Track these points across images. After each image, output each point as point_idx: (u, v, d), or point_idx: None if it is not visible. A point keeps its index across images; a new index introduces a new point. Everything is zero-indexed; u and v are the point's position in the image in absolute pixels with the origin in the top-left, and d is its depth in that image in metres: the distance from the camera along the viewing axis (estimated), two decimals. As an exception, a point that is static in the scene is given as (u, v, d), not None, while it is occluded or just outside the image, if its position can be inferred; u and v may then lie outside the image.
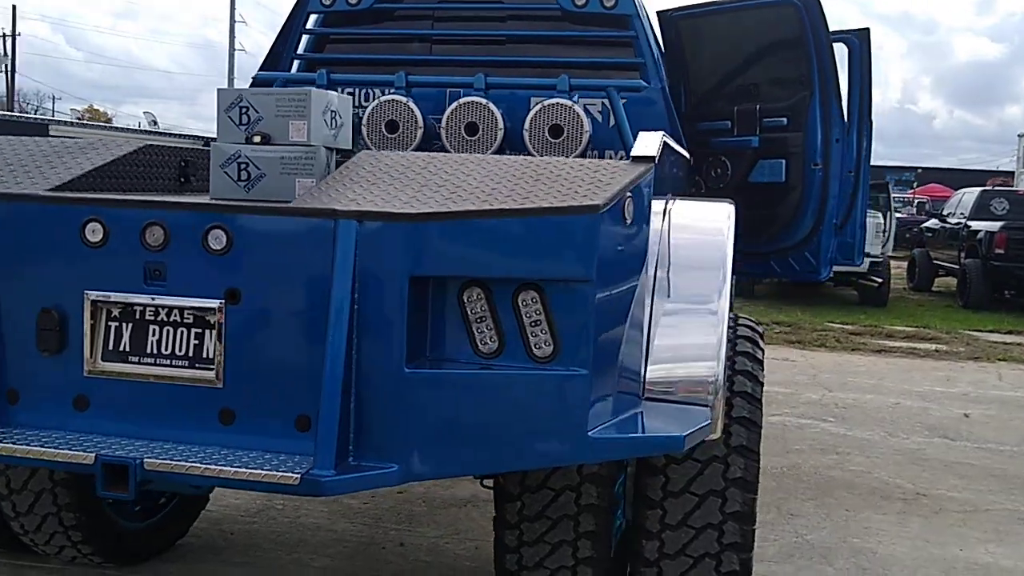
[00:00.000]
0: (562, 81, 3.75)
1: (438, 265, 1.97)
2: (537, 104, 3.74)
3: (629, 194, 2.10)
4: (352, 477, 1.92)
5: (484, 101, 3.75)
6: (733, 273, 2.46)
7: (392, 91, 3.85)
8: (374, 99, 3.87)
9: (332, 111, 2.36)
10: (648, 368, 2.36)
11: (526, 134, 3.75)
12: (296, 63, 4.34)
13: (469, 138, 3.76)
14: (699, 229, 2.58)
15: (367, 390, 1.96)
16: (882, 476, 4.77)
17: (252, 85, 4.11)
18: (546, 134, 3.74)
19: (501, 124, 3.77)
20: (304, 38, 4.33)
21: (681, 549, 2.47)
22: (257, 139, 2.30)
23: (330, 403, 1.91)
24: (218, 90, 2.36)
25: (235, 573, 3.28)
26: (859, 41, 5.03)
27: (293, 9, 4.28)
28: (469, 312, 2.05)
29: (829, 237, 4.57)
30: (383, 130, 3.80)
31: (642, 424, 2.18)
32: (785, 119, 4.54)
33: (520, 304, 2.02)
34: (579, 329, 2.00)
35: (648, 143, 2.35)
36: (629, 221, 2.12)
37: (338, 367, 1.92)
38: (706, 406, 2.34)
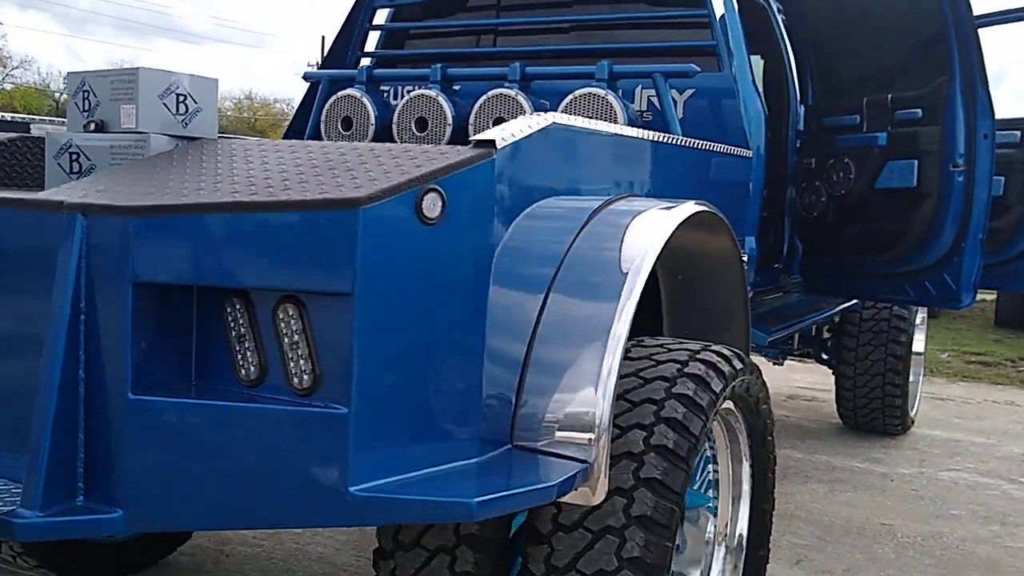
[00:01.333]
0: (600, 68, 3.24)
1: (166, 270, 1.61)
2: (569, 95, 3.26)
3: (433, 187, 1.63)
4: (57, 521, 1.60)
5: (513, 93, 3.33)
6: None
7: (425, 86, 3.53)
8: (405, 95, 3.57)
9: (179, 94, 2.06)
10: (518, 409, 1.88)
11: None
12: (361, 60, 4.14)
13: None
14: (618, 236, 2.02)
15: (95, 418, 1.64)
16: (1045, 559, 3.76)
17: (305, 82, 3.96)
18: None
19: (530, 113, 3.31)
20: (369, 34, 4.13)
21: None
22: (92, 127, 2.06)
23: (40, 432, 1.61)
24: (68, 73, 2.14)
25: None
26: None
27: (354, 5, 4.08)
28: (231, 329, 1.67)
29: (974, 256, 3.67)
30: (413, 128, 3.49)
31: (457, 482, 1.69)
32: (920, 110, 3.70)
33: (280, 321, 1.62)
34: (339, 355, 1.56)
35: (506, 128, 1.83)
36: (433, 220, 1.64)
37: (51, 389, 1.61)
38: (581, 460, 1.82)
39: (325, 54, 4.10)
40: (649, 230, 2.00)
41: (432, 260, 1.66)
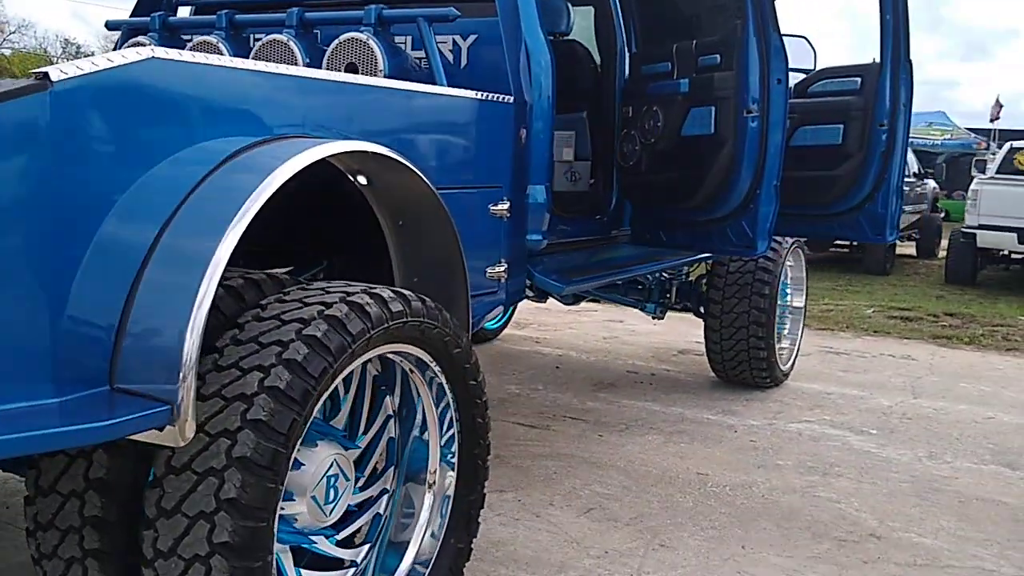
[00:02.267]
0: (367, 13, 3.19)
1: None
2: (335, 41, 3.22)
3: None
4: None
5: (284, 39, 3.28)
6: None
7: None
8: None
9: None
10: (116, 351, 1.88)
11: (323, 74, 3.24)
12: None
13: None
14: (230, 178, 2.00)
15: None
16: (848, 509, 3.76)
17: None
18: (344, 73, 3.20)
19: (300, 62, 3.28)
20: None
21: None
22: None
23: None
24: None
25: None
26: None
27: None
28: None
29: (769, 203, 3.64)
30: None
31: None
32: (718, 56, 3.65)
33: None
34: None
35: (81, 63, 1.80)
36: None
37: None
38: (163, 401, 1.82)
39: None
40: (261, 170, 1.98)
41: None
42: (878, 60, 4.46)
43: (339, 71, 3.20)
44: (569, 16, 4.32)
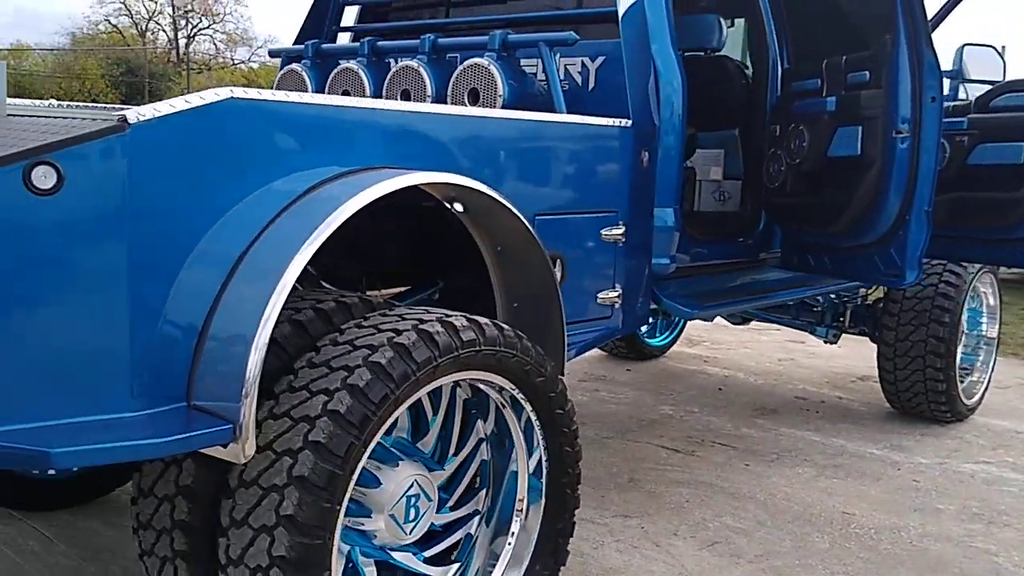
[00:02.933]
0: (492, 39, 3.27)
1: None
2: (460, 66, 3.32)
3: (45, 160, 1.78)
4: None
5: (416, 65, 3.41)
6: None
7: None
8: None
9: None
10: (194, 371, 2.04)
11: (449, 99, 3.36)
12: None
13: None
14: (321, 199, 2.12)
15: None
16: (1006, 564, 3.41)
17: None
18: (466, 99, 3.31)
19: (430, 90, 3.41)
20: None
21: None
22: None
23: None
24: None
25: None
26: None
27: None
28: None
29: (920, 230, 3.39)
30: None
31: (76, 433, 1.86)
32: (867, 72, 3.45)
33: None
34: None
35: (157, 105, 1.95)
36: (48, 190, 1.79)
37: None
38: (227, 420, 1.95)
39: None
40: (324, 207, 2.07)
41: (53, 227, 1.83)
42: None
43: (462, 96, 3.28)
44: (721, 32, 4.21)
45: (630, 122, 3.16)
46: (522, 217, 2.53)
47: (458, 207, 2.60)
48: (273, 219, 2.10)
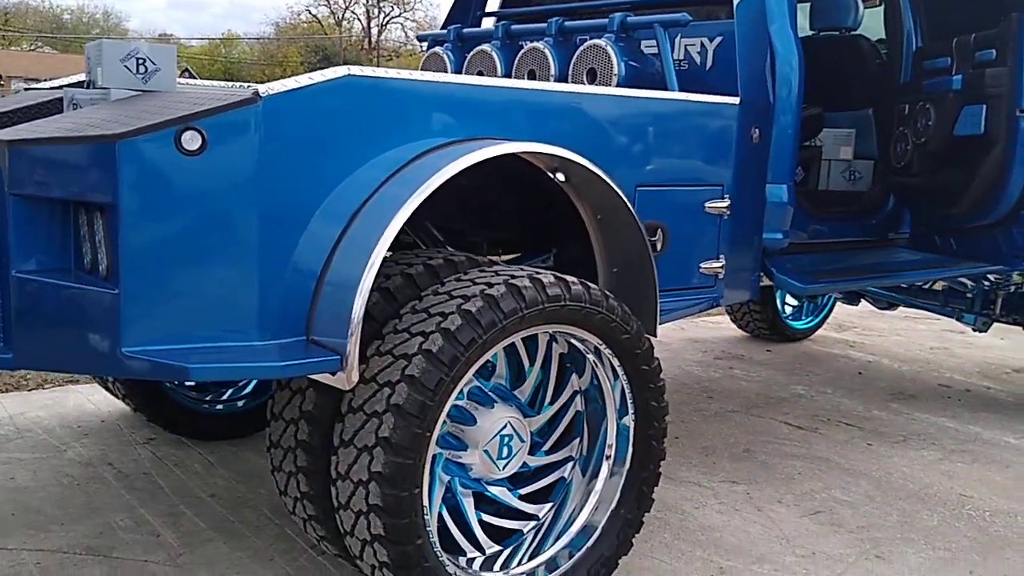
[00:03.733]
0: (611, 21, 3.50)
1: (24, 184, 2.29)
2: (581, 47, 3.56)
3: (193, 126, 2.15)
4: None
5: (542, 47, 3.68)
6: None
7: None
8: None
9: (138, 58, 2.75)
10: (313, 310, 2.38)
11: (570, 78, 3.60)
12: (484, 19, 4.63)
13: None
14: (423, 166, 2.41)
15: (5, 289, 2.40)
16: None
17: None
18: (584, 78, 3.54)
19: (553, 70, 3.67)
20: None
21: (345, 503, 2.40)
22: (86, 84, 2.83)
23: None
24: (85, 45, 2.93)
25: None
26: None
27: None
28: (78, 231, 2.34)
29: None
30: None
31: (209, 355, 2.23)
32: (994, 50, 3.44)
33: (93, 225, 2.26)
34: (113, 253, 2.17)
35: (286, 81, 2.28)
36: (194, 151, 2.16)
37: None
38: (337, 352, 2.29)
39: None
40: (425, 172, 2.36)
41: (197, 182, 2.20)
42: None
43: (582, 76, 3.50)
44: (857, 11, 4.23)
45: (738, 100, 3.29)
46: (616, 187, 2.74)
47: (560, 177, 2.83)
48: (383, 183, 2.40)
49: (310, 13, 58.20)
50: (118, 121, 2.27)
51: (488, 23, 4.60)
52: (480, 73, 3.93)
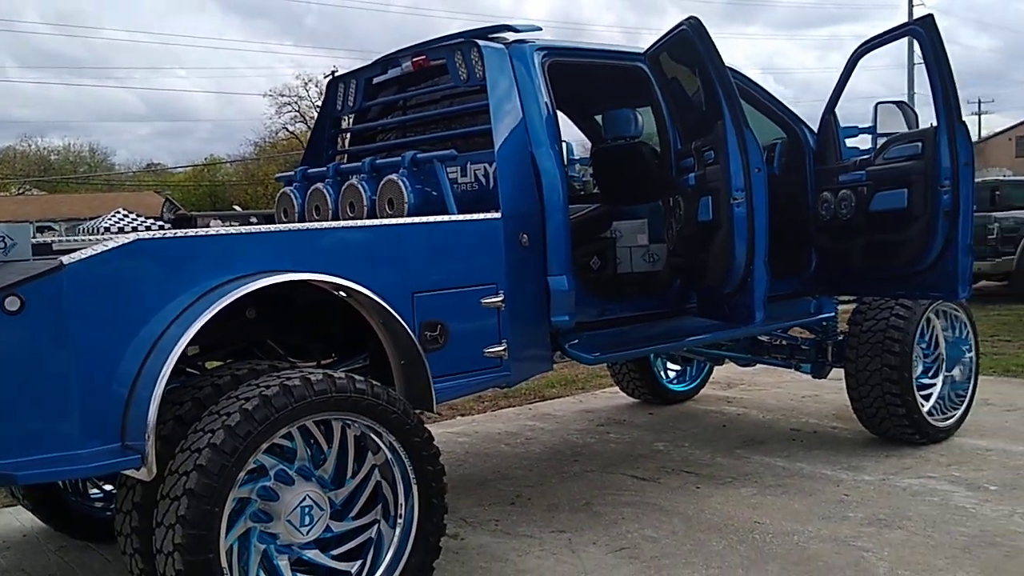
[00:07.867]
0: (404, 158, 4.27)
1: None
2: (382, 182, 4.33)
3: (13, 292, 2.89)
4: None
5: (356, 183, 4.45)
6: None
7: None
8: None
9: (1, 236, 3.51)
10: (124, 422, 3.08)
11: (378, 209, 4.37)
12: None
13: (350, 215, 4.51)
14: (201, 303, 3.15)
15: None
16: (870, 557, 3.95)
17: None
18: (387, 207, 4.31)
19: (366, 202, 4.43)
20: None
21: (162, 573, 3.06)
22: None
23: None
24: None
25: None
26: (925, 30, 4.39)
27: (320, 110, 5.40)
28: None
29: (762, 278, 4.08)
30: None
31: (41, 464, 2.93)
32: (713, 152, 4.23)
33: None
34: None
35: (85, 248, 3.03)
36: (15, 311, 2.89)
37: None
38: (139, 452, 2.98)
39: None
40: (199, 310, 3.08)
41: (21, 335, 2.92)
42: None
43: (384, 206, 4.27)
44: (637, 122, 5.05)
45: (499, 214, 4.04)
46: (380, 299, 3.47)
47: (342, 293, 3.56)
48: (171, 323, 3.12)
49: (288, 130, 60.10)
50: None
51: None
52: (318, 209, 4.71)
